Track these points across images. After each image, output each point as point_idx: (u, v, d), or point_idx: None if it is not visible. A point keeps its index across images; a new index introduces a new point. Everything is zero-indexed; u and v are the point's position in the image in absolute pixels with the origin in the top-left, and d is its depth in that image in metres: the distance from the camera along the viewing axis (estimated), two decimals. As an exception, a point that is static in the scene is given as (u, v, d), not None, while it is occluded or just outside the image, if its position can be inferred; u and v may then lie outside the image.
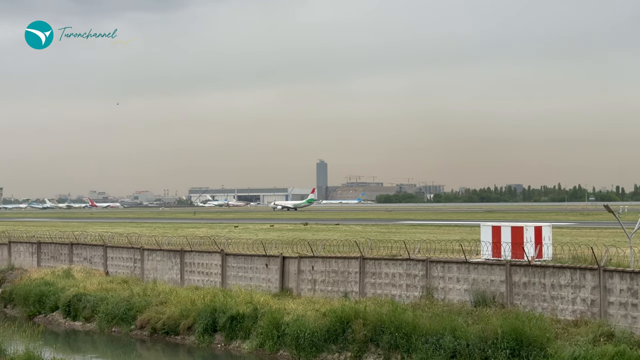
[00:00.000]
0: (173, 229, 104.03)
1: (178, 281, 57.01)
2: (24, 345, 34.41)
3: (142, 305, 50.67)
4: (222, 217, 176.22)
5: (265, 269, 52.03)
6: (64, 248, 68.66)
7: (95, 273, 62.65)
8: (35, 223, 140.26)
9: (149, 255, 60.33)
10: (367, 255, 48.03)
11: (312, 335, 40.20)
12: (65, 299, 56.12)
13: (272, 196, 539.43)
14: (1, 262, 71.92)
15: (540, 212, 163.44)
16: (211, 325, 45.58)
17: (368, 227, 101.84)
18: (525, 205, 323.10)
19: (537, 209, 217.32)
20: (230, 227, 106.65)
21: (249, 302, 45.99)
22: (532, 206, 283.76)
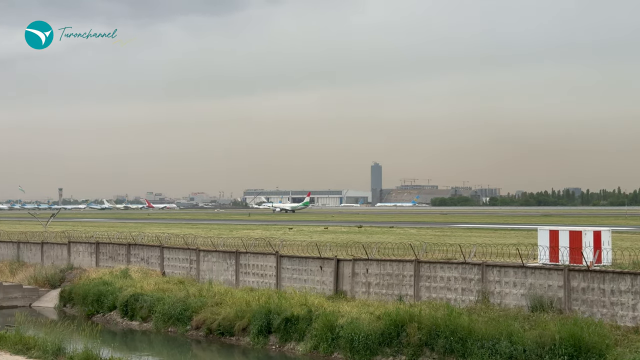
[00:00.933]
0: (228, 230, 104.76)
1: (233, 282, 57.40)
2: (82, 344, 34.99)
3: (197, 305, 51.15)
4: (277, 218, 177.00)
5: (319, 271, 52.07)
6: (122, 248, 69.66)
7: (152, 273, 63.42)
8: (93, 223, 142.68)
9: (205, 256, 60.86)
10: (422, 259, 47.73)
11: (367, 338, 40.09)
12: (122, 298, 56.96)
13: (326, 198, 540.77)
14: (61, 261, 73.28)
15: (599, 217, 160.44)
16: (266, 327, 45.78)
17: (423, 230, 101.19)
18: (583, 209, 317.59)
19: (596, 213, 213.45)
20: (285, 229, 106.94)
21: (304, 304, 46.07)
22: (590, 210, 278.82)
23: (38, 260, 75.58)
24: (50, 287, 68.07)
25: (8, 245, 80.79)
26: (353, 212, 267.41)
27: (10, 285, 67.71)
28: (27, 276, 70.85)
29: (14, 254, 78.71)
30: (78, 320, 52.29)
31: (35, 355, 33.30)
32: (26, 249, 78.48)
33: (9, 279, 71.35)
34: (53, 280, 68.62)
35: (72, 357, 32.65)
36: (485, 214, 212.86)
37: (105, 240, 73.12)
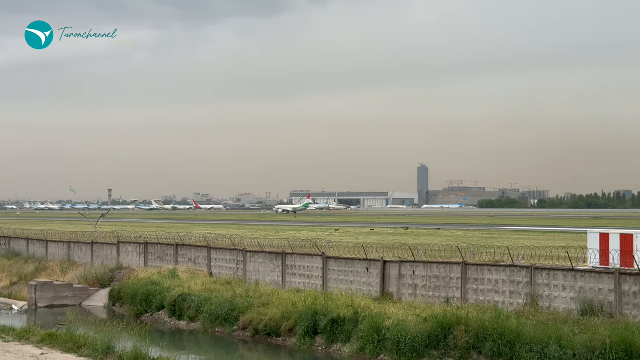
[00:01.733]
0: (274, 231, 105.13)
1: (280, 283, 57.60)
2: (131, 343, 35.42)
3: (244, 306, 51.43)
4: (323, 220, 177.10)
5: (366, 273, 52.00)
6: (170, 249, 70.36)
7: (199, 274, 63.93)
8: (142, 224, 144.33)
9: (252, 257, 61.17)
10: (470, 261, 47.37)
11: (414, 340, 39.91)
12: (170, 298, 57.53)
13: (372, 200, 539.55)
14: (110, 261, 74.29)
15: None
16: (312, 328, 45.84)
17: (470, 232, 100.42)
18: (635, 212, 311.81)
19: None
20: (331, 231, 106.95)
21: (350, 305, 46.04)
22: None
23: (88, 260, 76.72)
24: (100, 287, 69.06)
25: (59, 245, 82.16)
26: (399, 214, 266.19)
27: (62, 285, 68.82)
28: (78, 275, 71.97)
29: (65, 254, 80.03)
30: (127, 320, 52.95)
31: (85, 353, 33.78)
32: (76, 249, 79.73)
33: (60, 278, 72.52)
34: (103, 280, 69.60)
35: (121, 356, 33.05)
36: (533, 217, 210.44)
37: (154, 241, 73.90)
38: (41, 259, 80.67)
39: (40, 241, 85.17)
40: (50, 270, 75.93)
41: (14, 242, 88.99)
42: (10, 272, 77.47)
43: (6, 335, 38.74)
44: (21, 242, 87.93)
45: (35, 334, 38.12)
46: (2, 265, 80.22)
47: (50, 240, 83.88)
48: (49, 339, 36.52)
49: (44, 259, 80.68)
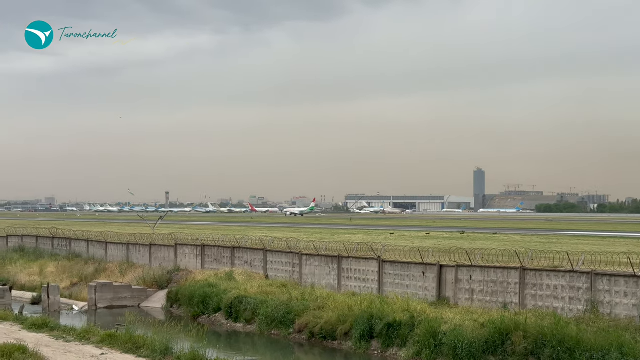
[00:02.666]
0: (330, 234, 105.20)
1: (335, 286, 57.58)
2: (189, 344, 35.77)
3: (300, 309, 51.55)
4: (378, 223, 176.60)
5: (422, 277, 51.67)
6: (226, 251, 70.88)
7: (255, 276, 64.30)
8: (198, 226, 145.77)
9: (307, 260, 61.29)
10: (528, 266, 46.73)
11: (470, 345, 39.52)
12: (227, 300, 57.96)
13: (428, 203, 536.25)
14: (168, 263, 75.16)
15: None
16: (368, 332, 45.72)
17: (527, 236, 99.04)
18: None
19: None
20: (386, 234, 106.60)
21: (406, 309, 45.82)
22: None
23: (146, 262, 77.75)
24: (158, 288, 69.93)
25: (118, 246, 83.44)
26: (455, 218, 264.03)
27: (120, 286, 69.88)
28: (136, 277, 73.00)
29: (124, 255, 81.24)
30: (184, 321, 53.47)
31: (144, 354, 34.20)
32: (135, 251, 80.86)
33: (119, 279, 73.65)
34: (160, 281, 70.47)
35: (179, 357, 33.37)
36: (593, 221, 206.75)
37: (211, 243, 74.53)
38: (101, 260, 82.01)
39: (99, 243, 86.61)
40: (109, 272, 77.16)
41: (74, 243, 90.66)
42: (70, 273, 78.92)
43: (67, 335, 39.43)
44: (81, 243, 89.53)
45: (95, 334, 38.72)
46: (63, 266, 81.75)
47: (109, 242, 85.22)
48: (108, 339, 37.07)
49: (104, 261, 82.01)
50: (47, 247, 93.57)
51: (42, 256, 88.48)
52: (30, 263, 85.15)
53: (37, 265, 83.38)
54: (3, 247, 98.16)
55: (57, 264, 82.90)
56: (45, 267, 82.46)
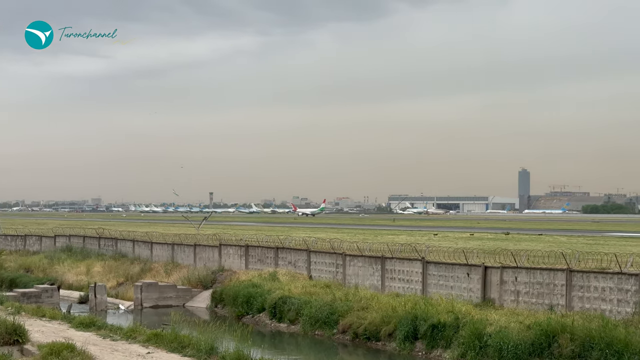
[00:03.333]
0: (373, 235, 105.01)
1: (379, 287, 57.44)
2: (234, 344, 35.92)
3: (344, 310, 51.53)
4: (421, 224, 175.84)
5: (466, 278, 51.30)
6: (270, 252, 71.14)
7: (299, 277, 64.43)
8: (242, 227, 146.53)
9: (351, 260, 61.23)
10: (574, 268, 46.12)
11: (516, 347, 39.13)
12: (271, 301, 58.18)
13: (472, 204, 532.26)
14: (212, 263, 75.67)
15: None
16: (412, 333, 45.54)
17: (573, 238, 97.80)
18: None
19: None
20: (430, 235, 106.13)
21: (450, 311, 45.54)
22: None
23: (191, 262, 78.37)
24: (203, 288, 70.45)
25: (163, 246, 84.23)
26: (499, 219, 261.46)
27: (166, 286, 70.54)
28: (181, 277, 73.64)
29: (169, 255, 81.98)
30: (229, 321, 53.77)
31: (189, 353, 34.37)
32: (180, 251, 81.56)
33: (164, 279, 74.35)
34: (205, 281, 70.99)
35: (224, 357, 33.46)
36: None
37: (254, 244, 74.87)
38: (146, 260, 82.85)
39: (145, 243, 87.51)
40: (154, 272, 77.94)
41: (120, 243, 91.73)
42: (117, 273, 79.88)
43: (114, 334, 39.84)
44: (127, 243, 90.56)
45: (141, 333, 39.04)
46: (109, 266, 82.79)
47: (154, 242, 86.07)
48: (154, 339, 37.35)
49: (149, 260, 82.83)
50: (94, 247, 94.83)
51: (89, 256, 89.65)
52: (77, 263, 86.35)
53: (84, 265, 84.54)
54: (51, 247, 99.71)
55: (104, 264, 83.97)
56: (92, 266, 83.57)
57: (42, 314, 47.06)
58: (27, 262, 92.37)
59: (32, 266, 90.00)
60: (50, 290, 66.31)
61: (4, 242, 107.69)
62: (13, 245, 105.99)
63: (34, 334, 37.52)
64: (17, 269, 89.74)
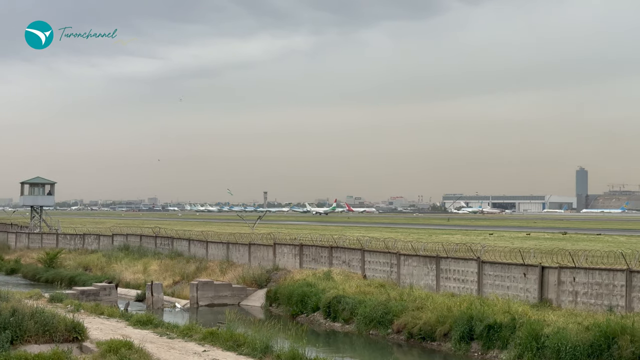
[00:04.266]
0: (427, 234, 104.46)
1: (433, 287, 57.05)
2: (288, 343, 36.06)
3: (398, 309, 51.29)
4: (476, 224, 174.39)
5: (523, 279, 50.62)
6: (324, 251, 71.17)
7: (353, 276, 64.31)
8: (296, 226, 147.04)
9: (405, 260, 60.93)
10: (635, 268, 45.17)
11: (574, 349, 38.47)
12: (325, 300, 58.20)
13: (528, 203, 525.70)
14: (267, 262, 76.00)
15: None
16: (468, 333, 45.11)
17: (633, 237, 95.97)
18: None
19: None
20: (485, 235, 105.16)
21: (507, 311, 45.01)
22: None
23: (245, 261, 78.83)
24: (257, 287, 70.80)
25: (218, 245, 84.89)
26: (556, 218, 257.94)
27: (221, 284, 71.07)
28: (236, 276, 74.11)
29: (224, 254, 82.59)
30: (283, 320, 53.97)
31: (245, 352, 34.60)
32: (235, 250, 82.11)
33: (219, 278, 74.89)
34: (260, 280, 71.33)
35: (279, 356, 33.62)
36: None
37: (309, 243, 74.97)
38: (201, 259, 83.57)
39: (200, 242, 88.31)
40: (210, 270, 78.59)
41: (176, 242, 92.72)
42: (173, 272, 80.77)
43: (170, 332, 40.32)
44: (183, 242, 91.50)
45: (197, 332, 39.44)
46: (165, 265, 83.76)
47: (210, 241, 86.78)
48: (210, 337, 37.71)
49: (204, 259, 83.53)
50: (151, 245, 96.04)
51: (145, 255, 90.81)
52: (134, 261, 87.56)
53: (141, 264, 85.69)
54: (109, 246, 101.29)
55: (160, 263, 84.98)
56: (148, 265, 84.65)
57: (100, 311, 47.85)
58: (85, 260, 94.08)
59: (91, 264, 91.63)
60: (109, 289, 67.31)
61: (64, 241, 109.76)
62: (72, 244, 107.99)
63: (93, 331, 38.15)
64: (76, 267, 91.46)
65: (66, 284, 76.58)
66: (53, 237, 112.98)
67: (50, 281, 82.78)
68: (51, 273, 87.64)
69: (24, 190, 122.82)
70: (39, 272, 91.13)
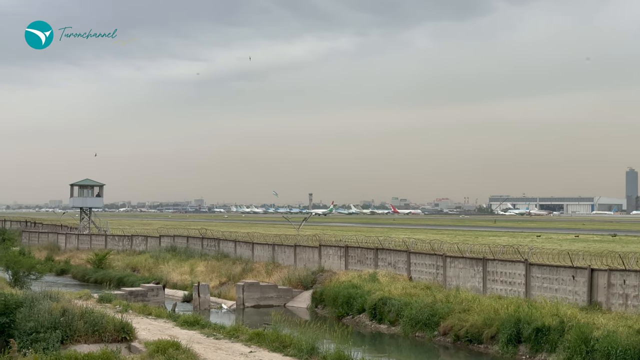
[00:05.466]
0: (473, 236, 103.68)
1: (480, 289, 56.58)
2: (334, 344, 36.05)
3: (445, 311, 51.01)
4: (523, 225, 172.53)
5: (571, 281, 49.94)
6: (370, 252, 71.03)
7: (398, 278, 64.10)
8: (341, 228, 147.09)
9: (451, 262, 60.53)
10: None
11: (625, 352, 37.85)
12: (371, 302, 58.09)
13: (576, 205, 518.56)
14: (312, 264, 76.09)
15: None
16: (515, 336, 44.66)
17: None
18: None
19: None
20: (532, 237, 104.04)
21: (555, 314, 44.46)
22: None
23: (291, 262, 79.02)
24: (303, 288, 70.95)
25: (264, 247, 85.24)
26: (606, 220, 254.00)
27: (267, 286, 71.36)
28: (282, 277, 74.35)
29: (269, 256, 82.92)
30: (329, 322, 54.01)
31: (291, 353, 34.65)
32: (280, 251, 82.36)
33: (265, 279, 75.21)
34: (305, 282, 71.47)
35: (325, 357, 33.59)
36: None
37: (354, 245, 74.88)
38: (247, 261, 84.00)
39: (246, 243, 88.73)
40: (255, 272, 78.94)
41: (222, 244, 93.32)
42: (219, 273, 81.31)
43: (217, 333, 40.58)
44: (229, 244, 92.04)
45: (243, 333, 39.63)
46: (212, 266, 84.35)
47: (255, 243, 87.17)
48: (256, 338, 37.84)
49: (250, 261, 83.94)
50: (197, 247, 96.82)
51: (192, 256, 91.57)
52: (181, 262, 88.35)
53: (187, 265, 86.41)
54: (156, 247, 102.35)
55: (207, 264, 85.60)
56: (195, 266, 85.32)
57: (148, 312, 48.36)
58: (133, 261, 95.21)
59: (138, 265, 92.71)
60: (156, 289, 67.99)
61: (112, 242, 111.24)
62: (120, 245, 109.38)
63: (141, 331, 38.57)
64: (124, 268, 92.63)
65: (114, 284, 77.55)
66: (102, 238, 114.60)
67: (99, 282, 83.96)
68: (100, 274, 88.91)
69: (74, 192, 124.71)
70: (88, 272, 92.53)
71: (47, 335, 33.01)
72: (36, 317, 34.02)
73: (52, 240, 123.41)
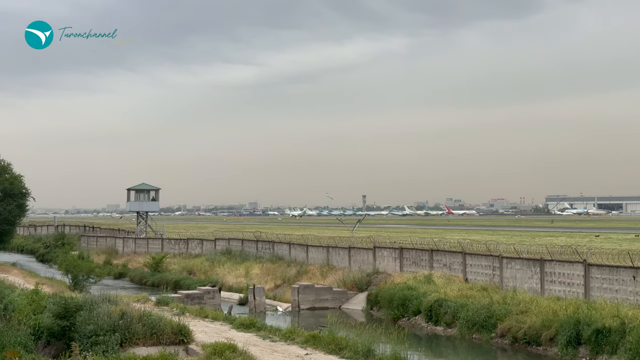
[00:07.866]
0: (530, 237, 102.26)
1: (538, 291, 55.78)
2: (390, 346, 35.91)
3: (502, 313, 50.42)
4: (581, 225, 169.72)
5: (632, 282, 48.92)
6: (424, 254, 70.59)
7: (454, 279, 63.58)
8: (395, 229, 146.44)
9: (508, 263, 59.80)
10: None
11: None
12: (427, 303, 57.72)
13: (636, 204, 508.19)
14: (367, 265, 75.91)
15: None
16: (575, 338, 43.90)
17: None
18: None
19: None
20: (591, 237, 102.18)
21: (615, 315, 43.56)
22: None
23: (346, 264, 78.93)
24: (358, 290, 70.83)
25: (318, 249, 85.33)
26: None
27: (322, 288, 71.42)
28: (336, 279, 74.35)
29: (324, 258, 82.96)
30: (384, 324, 53.77)
31: (347, 355, 34.58)
32: (334, 253, 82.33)
33: (320, 281, 75.28)
34: (360, 284, 71.34)
35: (381, 359, 33.55)
36: None
37: (409, 246, 74.46)
38: (302, 263, 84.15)
39: (301, 246, 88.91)
40: (310, 274, 79.05)
41: (277, 246, 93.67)
42: (274, 275, 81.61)
43: (273, 335, 40.73)
44: (284, 246, 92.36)
45: (299, 335, 39.69)
46: (267, 269, 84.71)
47: (310, 245, 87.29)
48: (312, 340, 37.89)
49: (305, 263, 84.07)
50: (252, 250, 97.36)
51: (247, 259, 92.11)
52: (236, 265, 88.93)
53: (242, 268, 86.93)
54: (211, 250, 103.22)
55: (262, 266, 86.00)
56: (250, 269, 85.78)
57: (204, 314, 48.78)
58: (189, 264, 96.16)
59: (194, 269, 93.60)
60: (212, 292, 68.57)
61: (168, 246, 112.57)
62: (176, 248, 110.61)
63: (198, 334, 38.91)
64: (181, 271, 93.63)
65: (171, 287, 78.47)
66: (158, 242, 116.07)
67: (156, 285, 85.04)
68: (157, 277, 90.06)
69: (130, 197, 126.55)
70: (145, 276, 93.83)
71: (107, 338, 33.53)
72: (95, 320, 34.55)
73: (109, 244, 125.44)
